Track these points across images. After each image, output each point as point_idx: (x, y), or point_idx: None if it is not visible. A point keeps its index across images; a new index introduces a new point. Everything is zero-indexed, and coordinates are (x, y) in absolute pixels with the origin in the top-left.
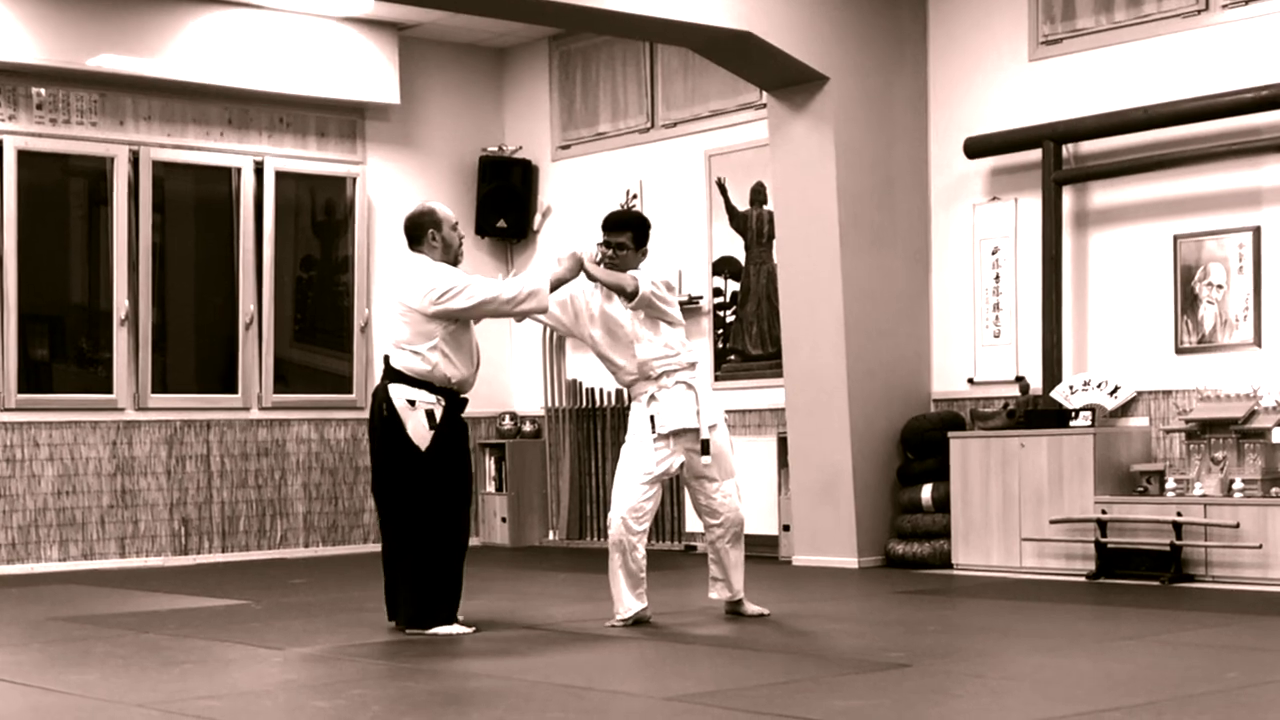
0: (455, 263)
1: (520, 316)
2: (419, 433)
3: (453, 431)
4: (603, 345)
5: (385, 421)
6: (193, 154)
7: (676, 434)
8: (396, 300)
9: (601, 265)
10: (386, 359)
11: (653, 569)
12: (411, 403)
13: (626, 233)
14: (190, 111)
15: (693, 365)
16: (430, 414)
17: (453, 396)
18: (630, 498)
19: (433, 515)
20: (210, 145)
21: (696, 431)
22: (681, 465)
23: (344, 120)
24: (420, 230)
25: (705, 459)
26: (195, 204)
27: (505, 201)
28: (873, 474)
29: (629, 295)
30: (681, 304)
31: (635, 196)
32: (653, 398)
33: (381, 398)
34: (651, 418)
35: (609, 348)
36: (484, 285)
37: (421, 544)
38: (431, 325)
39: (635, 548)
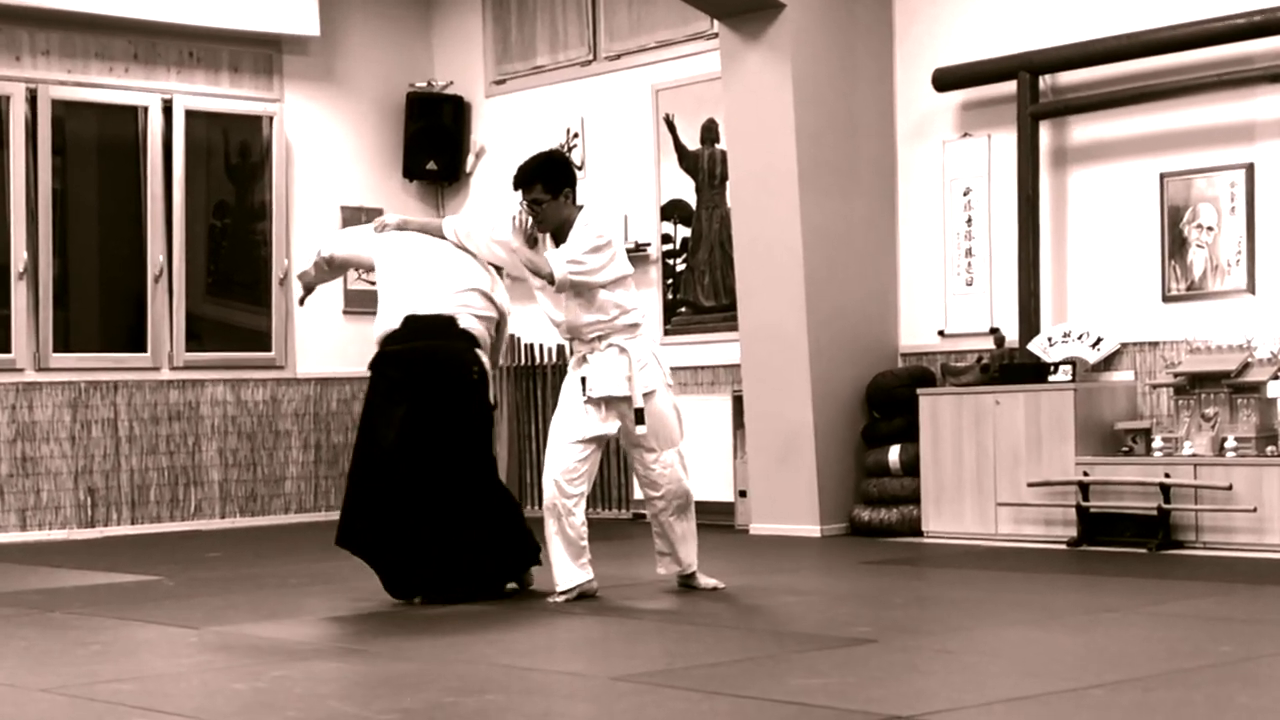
0: None
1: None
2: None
3: None
4: (540, 297)
5: (473, 385)
6: (95, 92)
7: (609, 400)
8: (481, 282)
9: (530, 225)
10: (451, 319)
11: (599, 539)
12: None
13: (535, 185)
14: (92, 45)
15: (633, 327)
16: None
17: None
18: (564, 459)
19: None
20: (114, 82)
21: (629, 399)
22: (620, 430)
23: (259, 54)
24: None
25: (640, 429)
26: (98, 146)
27: (435, 142)
28: (836, 435)
29: (549, 281)
30: (628, 251)
31: (576, 135)
32: (583, 359)
33: (471, 360)
34: (583, 379)
35: (544, 301)
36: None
37: (500, 501)
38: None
39: (572, 512)
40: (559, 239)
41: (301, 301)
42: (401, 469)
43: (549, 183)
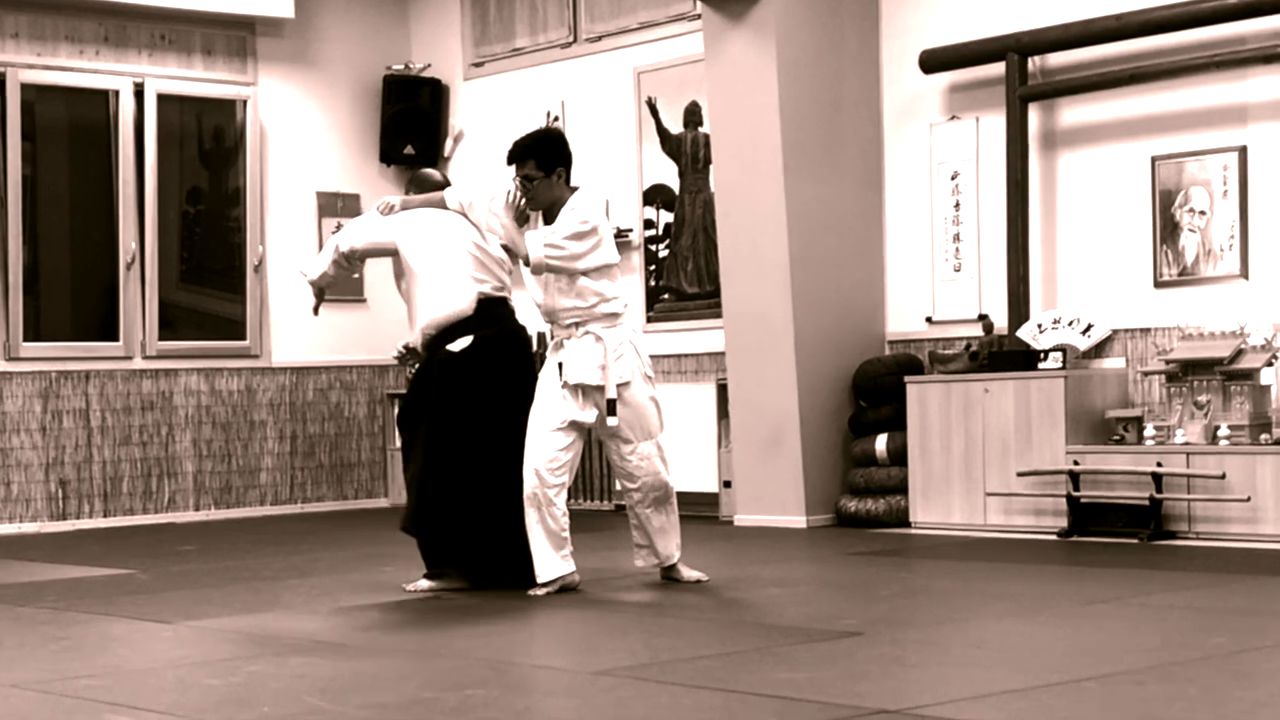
0: None
1: None
2: None
3: None
4: (526, 278)
5: (535, 368)
6: (65, 75)
7: (584, 388)
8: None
9: (521, 202)
10: (506, 299)
11: (581, 531)
12: None
13: (529, 161)
14: (62, 28)
15: (612, 316)
16: None
17: None
18: (545, 448)
19: None
20: (85, 65)
21: (602, 389)
22: (596, 419)
23: (233, 37)
24: None
25: (611, 420)
26: (69, 131)
27: (413, 125)
28: (822, 424)
29: (524, 262)
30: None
31: (557, 119)
32: (560, 344)
33: (530, 342)
34: (560, 364)
35: (529, 282)
36: None
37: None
38: None
39: (553, 502)
40: (549, 218)
41: (316, 310)
42: (498, 452)
43: (543, 160)
